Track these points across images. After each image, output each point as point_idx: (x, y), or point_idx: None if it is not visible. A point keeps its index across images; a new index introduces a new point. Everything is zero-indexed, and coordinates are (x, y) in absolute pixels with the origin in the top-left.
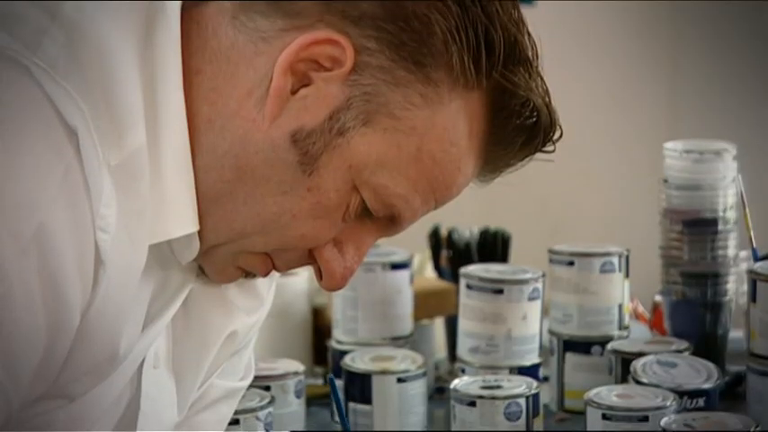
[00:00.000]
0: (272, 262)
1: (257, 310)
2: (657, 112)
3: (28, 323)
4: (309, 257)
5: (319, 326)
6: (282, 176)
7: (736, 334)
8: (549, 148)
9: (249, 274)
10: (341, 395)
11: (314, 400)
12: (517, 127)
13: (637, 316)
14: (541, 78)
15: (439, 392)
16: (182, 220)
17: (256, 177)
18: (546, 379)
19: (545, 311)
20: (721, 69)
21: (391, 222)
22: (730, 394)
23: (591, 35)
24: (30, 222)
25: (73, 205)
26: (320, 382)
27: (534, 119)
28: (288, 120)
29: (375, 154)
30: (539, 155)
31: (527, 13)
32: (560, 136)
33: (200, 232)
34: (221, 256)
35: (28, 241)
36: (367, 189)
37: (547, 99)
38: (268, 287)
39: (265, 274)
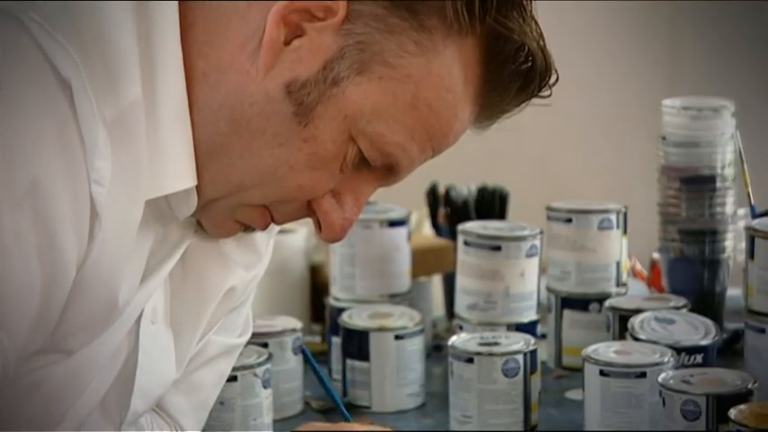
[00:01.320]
0: (271, 215)
1: (255, 265)
2: (656, 70)
3: (23, 277)
4: (308, 209)
5: (317, 283)
6: (278, 128)
7: (733, 292)
8: (546, 92)
9: (248, 228)
10: (338, 353)
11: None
12: (512, 72)
13: (635, 273)
14: (536, 22)
15: (437, 350)
16: (179, 175)
17: (252, 130)
18: (544, 336)
19: (543, 269)
20: (720, 26)
21: (389, 172)
22: (728, 351)
23: None
24: (24, 176)
25: (67, 158)
26: (318, 339)
27: (529, 63)
28: (282, 71)
29: (370, 103)
30: (535, 100)
31: None
32: (556, 80)
33: (198, 186)
34: (219, 211)
35: (22, 195)
36: (363, 138)
37: (542, 43)
38: (266, 243)
39: (264, 228)
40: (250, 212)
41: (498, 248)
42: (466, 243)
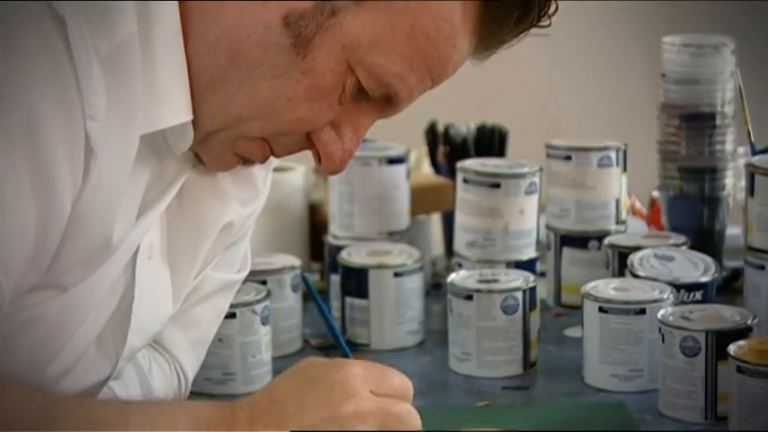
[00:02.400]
0: (270, 147)
1: (253, 201)
2: (656, 6)
3: (18, 212)
4: (307, 142)
5: (316, 222)
6: (276, 60)
7: (732, 231)
8: (545, 23)
9: (246, 161)
10: (337, 291)
11: (310, 296)
12: (512, 1)
13: (634, 212)
14: None
15: (436, 288)
16: (174, 110)
17: (250, 61)
18: (543, 274)
19: (542, 207)
20: None
21: (388, 103)
22: (727, 289)
23: None
24: (18, 112)
25: (61, 94)
26: (317, 277)
27: None
28: (279, 2)
29: (368, 33)
30: (535, 31)
31: None
32: (555, 10)
33: (195, 119)
34: (218, 143)
35: (16, 130)
36: (362, 69)
37: None
38: (263, 179)
39: (263, 160)
40: (249, 145)
41: (497, 186)
42: (465, 180)
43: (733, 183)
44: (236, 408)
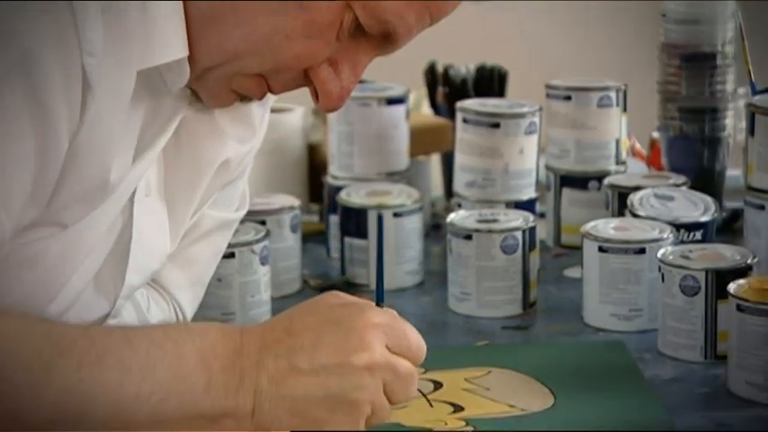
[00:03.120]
0: (267, 84)
1: (250, 139)
2: None
3: (15, 148)
4: (305, 79)
5: (315, 163)
6: None
7: (732, 172)
8: None
9: (244, 98)
10: (336, 231)
11: (309, 237)
12: None
13: (634, 153)
14: None
15: (435, 229)
16: (170, 46)
17: None
18: (542, 215)
19: (542, 148)
20: None
21: (386, 40)
22: (727, 230)
23: None
24: (15, 47)
25: (58, 30)
26: (316, 218)
27: None
28: None
29: None
30: None
31: None
32: None
33: (192, 55)
34: (215, 80)
35: (13, 66)
36: (359, 5)
37: None
38: (261, 117)
39: (261, 97)
40: (246, 81)
41: (497, 125)
42: (465, 120)
43: (733, 123)
44: (245, 335)
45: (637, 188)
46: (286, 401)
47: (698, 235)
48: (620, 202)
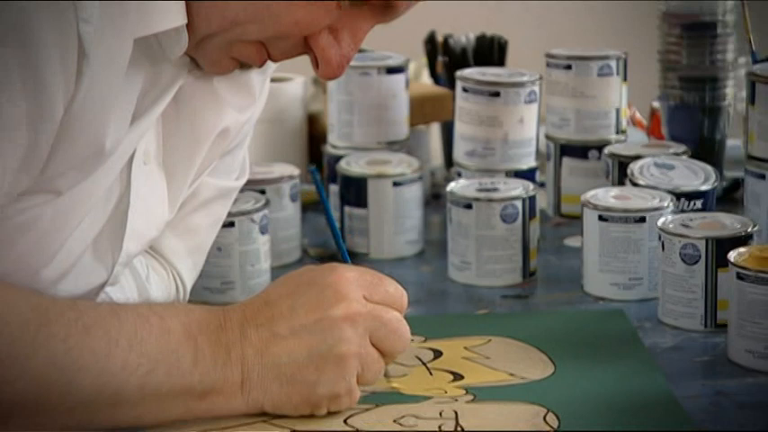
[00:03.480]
0: (267, 52)
1: (249, 107)
2: None
3: (9, 113)
4: (305, 46)
5: (314, 133)
6: None
7: (732, 142)
8: None
9: (244, 66)
10: (336, 201)
11: (309, 206)
12: None
13: (634, 123)
14: None
15: (435, 198)
16: (168, 13)
17: None
18: (542, 185)
19: (542, 118)
20: None
21: (386, 8)
22: (727, 199)
23: None
24: (10, 13)
25: None
26: (315, 188)
27: None
28: None
29: None
30: None
31: None
32: None
33: (191, 23)
34: (215, 47)
35: (8, 30)
36: None
37: None
38: (261, 84)
39: (261, 64)
40: (246, 49)
41: (497, 94)
42: (464, 89)
43: (734, 93)
44: (228, 312)
45: (637, 157)
46: (273, 370)
47: (698, 204)
48: (621, 171)
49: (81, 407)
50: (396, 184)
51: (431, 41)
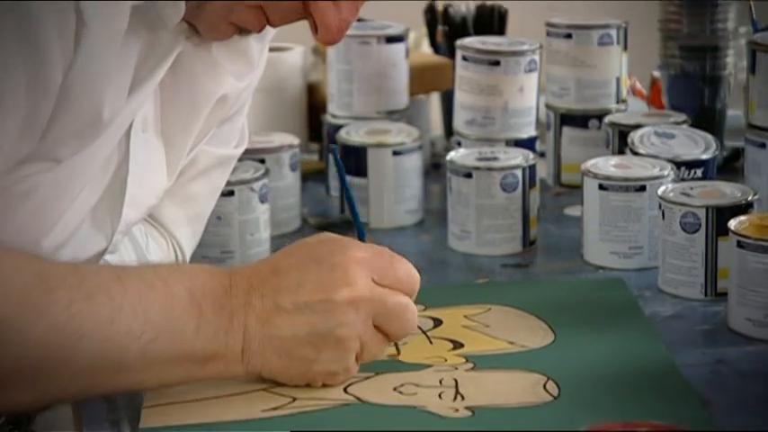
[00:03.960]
0: (266, 16)
1: (248, 75)
2: None
3: (7, 82)
4: (304, 11)
5: (314, 103)
6: None
7: (733, 112)
8: None
9: (243, 31)
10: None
11: (308, 176)
12: None
13: (635, 92)
14: None
15: (435, 168)
16: None
17: None
18: (542, 155)
19: (542, 88)
20: None
21: None
22: (727, 169)
23: None
24: None
25: None
26: (315, 158)
27: None
28: None
29: None
30: None
31: None
32: None
33: None
34: (214, 12)
35: (5, 3)
36: None
37: None
38: (259, 51)
39: (260, 29)
40: (245, 13)
41: (497, 63)
42: (464, 58)
43: (734, 62)
44: (234, 276)
45: (637, 126)
46: (273, 341)
47: (698, 173)
48: (621, 141)
49: (83, 373)
50: (395, 153)
51: (431, 11)
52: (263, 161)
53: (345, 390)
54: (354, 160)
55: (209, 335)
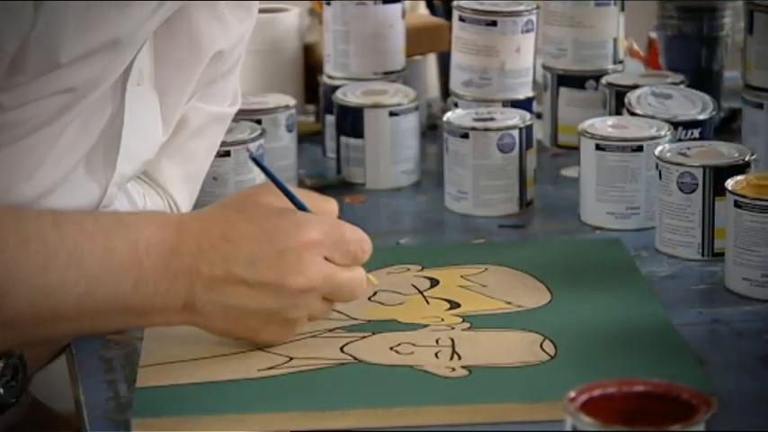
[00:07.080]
0: None
1: (248, 19)
2: None
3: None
4: None
5: (311, 64)
6: None
7: (730, 73)
8: None
9: None
10: (332, 131)
11: (305, 137)
12: None
13: (632, 54)
14: None
15: (431, 129)
16: None
17: None
18: (539, 116)
19: (538, 51)
20: None
21: None
22: (725, 130)
23: None
24: None
25: None
26: (312, 119)
27: None
28: None
29: None
30: None
31: None
32: None
33: None
34: None
35: None
36: None
37: None
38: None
39: None
40: None
41: (494, 24)
42: (461, 19)
43: (732, 23)
44: (182, 232)
45: (634, 86)
46: (220, 307)
47: (696, 133)
48: (618, 101)
49: (19, 320)
50: (392, 113)
51: None
52: (259, 122)
53: (342, 349)
54: (351, 121)
55: (148, 291)
